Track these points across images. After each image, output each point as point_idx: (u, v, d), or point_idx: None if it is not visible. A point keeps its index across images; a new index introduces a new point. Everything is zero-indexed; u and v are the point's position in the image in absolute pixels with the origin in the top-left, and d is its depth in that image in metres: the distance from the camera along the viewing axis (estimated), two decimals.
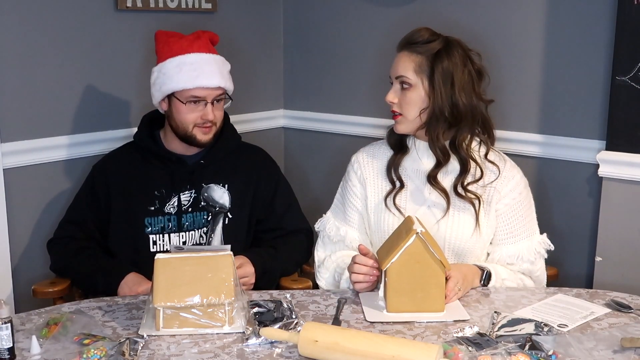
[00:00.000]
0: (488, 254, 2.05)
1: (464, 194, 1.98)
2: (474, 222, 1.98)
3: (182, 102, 2.14)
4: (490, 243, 2.04)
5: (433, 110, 1.95)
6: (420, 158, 2.04)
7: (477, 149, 2.03)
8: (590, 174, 2.39)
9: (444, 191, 1.98)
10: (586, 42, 2.35)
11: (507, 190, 2.01)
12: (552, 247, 2.05)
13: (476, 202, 1.97)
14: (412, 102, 1.97)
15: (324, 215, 2.18)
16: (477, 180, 1.99)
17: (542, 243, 2.03)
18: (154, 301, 1.63)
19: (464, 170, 1.98)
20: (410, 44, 1.98)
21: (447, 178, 2.01)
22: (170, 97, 2.16)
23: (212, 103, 2.16)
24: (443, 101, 1.94)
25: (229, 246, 1.80)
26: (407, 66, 1.97)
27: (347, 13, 2.90)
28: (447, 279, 1.80)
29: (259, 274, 2.11)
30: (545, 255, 2.05)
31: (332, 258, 2.10)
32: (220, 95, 2.19)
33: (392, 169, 2.05)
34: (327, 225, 2.14)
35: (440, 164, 1.99)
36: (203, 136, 2.19)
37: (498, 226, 2.01)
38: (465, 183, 1.98)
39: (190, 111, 2.15)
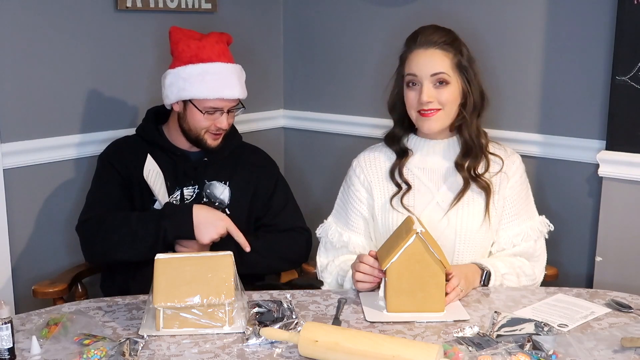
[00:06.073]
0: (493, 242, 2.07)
1: (477, 178, 2.02)
2: (483, 213, 2.01)
3: (200, 111, 2.14)
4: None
5: (473, 104, 2.01)
6: (434, 156, 2.06)
7: None
8: (590, 173, 2.38)
9: (466, 179, 2.02)
10: (586, 42, 2.34)
11: (511, 174, 2.06)
12: (552, 227, 2.11)
13: (487, 189, 2.01)
14: (453, 98, 1.99)
15: (325, 220, 2.17)
16: (484, 173, 2.03)
17: (543, 223, 2.09)
18: (154, 301, 1.63)
19: (477, 156, 2.03)
20: (438, 42, 1.98)
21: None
22: (186, 101, 2.16)
23: (227, 112, 2.18)
24: (477, 94, 2.01)
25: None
26: (444, 63, 1.97)
27: (347, 13, 2.90)
28: (448, 279, 1.81)
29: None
30: (546, 236, 2.10)
31: (335, 262, 2.10)
32: (236, 105, 2.21)
33: (397, 173, 2.06)
34: (329, 231, 2.13)
35: (471, 153, 2.03)
36: (213, 142, 2.21)
37: (505, 209, 2.04)
38: (478, 170, 2.03)
39: (205, 119, 2.16)
